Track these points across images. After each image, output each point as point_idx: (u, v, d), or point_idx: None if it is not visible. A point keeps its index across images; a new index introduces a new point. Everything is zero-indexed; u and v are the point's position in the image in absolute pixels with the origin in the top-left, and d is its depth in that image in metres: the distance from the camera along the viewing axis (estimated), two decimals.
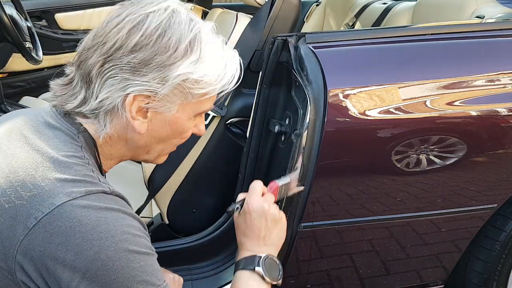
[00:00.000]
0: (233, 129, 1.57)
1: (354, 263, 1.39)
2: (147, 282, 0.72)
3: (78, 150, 0.77)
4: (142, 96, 0.76)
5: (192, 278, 1.44)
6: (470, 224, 1.40)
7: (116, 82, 0.75)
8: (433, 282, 1.49)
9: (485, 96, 1.28)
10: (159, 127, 0.82)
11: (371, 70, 1.26)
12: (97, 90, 0.76)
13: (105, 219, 0.70)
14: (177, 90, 0.78)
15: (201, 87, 0.79)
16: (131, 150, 0.86)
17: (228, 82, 0.82)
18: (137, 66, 0.74)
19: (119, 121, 0.79)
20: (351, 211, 1.30)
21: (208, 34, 0.80)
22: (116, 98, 0.76)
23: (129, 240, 0.71)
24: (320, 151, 1.18)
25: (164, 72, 0.75)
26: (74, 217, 0.68)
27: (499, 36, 1.37)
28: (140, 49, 0.74)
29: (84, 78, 0.78)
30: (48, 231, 0.67)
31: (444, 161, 1.28)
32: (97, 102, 0.77)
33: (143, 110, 0.78)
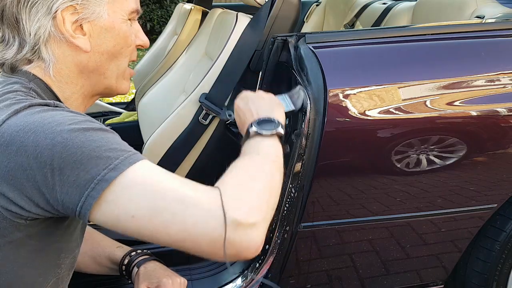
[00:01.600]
0: (233, 129, 1.57)
1: (354, 263, 1.39)
2: (116, 149, 0.70)
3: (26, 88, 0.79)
4: (69, 10, 0.78)
5: (192, 278, 1.44)
6: (470, 224, 1.40)
7: (39, 7, 0.77)
8: (433, 282, 1.49)
9: (485, 96, 1.28)
10: (101, 40, 0.83)
11: (371, 70, 1.26)
12: (28, 25, 0.78)
13: (50, 114, 0.71)
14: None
15: None
16: (88, 79, 0.86)
17: None
18: None
19: (61, 48, 0.81)
20: (351, 211, 1.30)
21: None
22: (47, 23, 0.78)
23: (80, 123, 0.71)
24: (320, 151, 1.18)
25: None
26: (21, 122, 0.69)
27: (499, 36, 1.37)
28: None
29: (11, 25, 0.79)
30: (3, 144, 0.69)
31: (444, 161, 1.28)
32: (32, 36, 0.78)
33: (78, 28, 0.80)
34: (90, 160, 0.67)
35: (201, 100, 1.51)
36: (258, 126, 0.90)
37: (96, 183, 0.67)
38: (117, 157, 0.69)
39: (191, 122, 1.53)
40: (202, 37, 2.01)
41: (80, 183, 0.67)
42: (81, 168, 0.67)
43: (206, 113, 1.50)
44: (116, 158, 0.68)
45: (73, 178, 0.67)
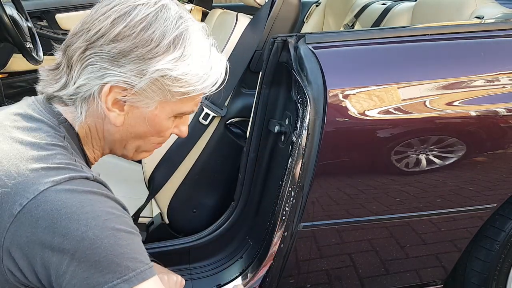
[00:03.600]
0: (233, 129, 1.58)
1: (354, 262, 1.39)
2: (136, 259, 0.71)
3: (60, 140, 0.77)
4: (119, 88, 0.76)
5: (192, 278, 1.45)
6: (470, 224, 1.40)
7: (95, 69, 0.75)
8: (432, 281, 1.49)
9: (484, 96, 1.29)
10: (136, 122, 0.82)
11: (371, 70, 1.27)
12: (76, 76, 0.77)
13: (90, 201, 0.70)
14: (155, 86, 0.77)
15: (180, 86, 0.78)
16: (109, 143, 0.86)
17: (211, 84, 0.81)
18: (116, 56, 0.74)
19: (95, 111, 0.80)
20: (350, 211, 1.30)
21: (197, 34, 0.79)
22: (93, 85, 0.76)
23: (115, 219, 0.71)
24: (320, 151, 1.18)
25: (142, 65, 0.75)
26: (59, 200, 0.68)
27: (499, 37, 1.37)
28: (122, 40, 0.74)
29: (67, 62, 0.78)
30: (34, 216, 0.67)
31: (444, 161, 1.28)
32: (74, 87, 0.77)
33: (119, 103, 0.78)
34: (109, 265, 0.68)
35: (201, 100, 1.51)
36: None
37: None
38: (134, 268, 0.70)
39: (191, 122, 1.53)
40: None
41: (90, 283, 0.68)
42: (98, 269, 0.68)
43: (206, 113, 1.51)
44: (133, 270, 0.70)
45: (86, 275, 0.68)
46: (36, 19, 2.86)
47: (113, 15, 0.75)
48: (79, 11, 3.03)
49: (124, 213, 0.75)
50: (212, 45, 0.82)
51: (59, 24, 2.99)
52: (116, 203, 0.74)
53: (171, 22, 0.76)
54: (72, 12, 3.02)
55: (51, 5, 2.95)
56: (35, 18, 2.85)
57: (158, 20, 0.76)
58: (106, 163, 2.04)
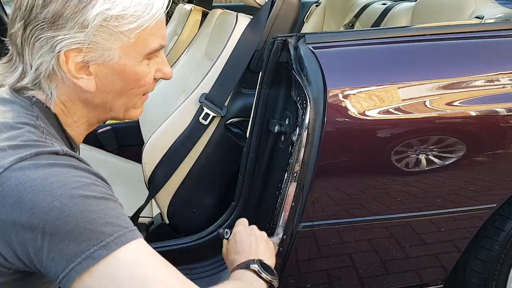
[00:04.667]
0: (233, 129, 1.58)
1: (354, 262, 1.39)
2: (112, 223, 0.67)
3: (32, 119, 0.75)
4: (73, 51, 0.73)
5: (192, 278, 1.43)
6: (470, 224, 1.40)
7: (43, 43, 0.73)
8: (432, 281, 1.49)
9: (484, 97, 1.29)
10: (109, 80, 0.78)
11: (371, 71, 1.27)
12: (29, 58, 0.74)
13: (55, 172, 0.67)
14: (104, 33, 0.73)
15: (128, 22, 0.73)
16: (93, 111, 0.82)
17: (159, 8, 0.76)
18: (53, 20, 0.71)
19: (64, 85, 0.77)
20: (350, 211, 1.30)
21: None
22: (49, 60, 0.74)
23: (83, 187, 0.68)
24: (320, 151, 1.18)
25: (80, 17, 0.71)
26: (23, 175, 0.66)
27: (499, 37, 1.37)
28: (51, 1, 0.71)
29: (16, 50, 0.76)
30: (1, 194, 0.66)
31: (444, 161, 1.28)
32: (33, 70, 0.75)
33: (83, 67, 0.75)
34: (83, 233, 0.65)
35: (201, 100, 1.52)
36: (260, 266, 0.95)
37: (83, 258, 0.65)
38: (111, 233, 0.66)
39: (191, 122, 1.53)
40: (202, 38, 2.01)
41: (67, 254, 0.65)
42: (72, 239, 0.65)
43: (206, 113, 1.51)
44: (110, 234, 0.66)
45: (62, 246, 0.65)
46: None
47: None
48: None
49: (96, 181, 0.71)
50: None
51: None
52: (87, 173, 0.71)
53: None
54: None
55: None
56: None
57: None
58: (107, 163, 2.04)
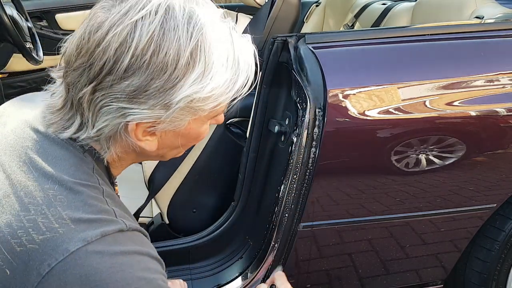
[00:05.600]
0: (233, 129, 1.58)
1: (354, 263, 1.39)
2: None
3: (90, 175, 0.70)
4: (146, 122, 0.67)
5: (192, 278, 1.44)
6: (470, 224, 1.40)
7: (112, 110, 0.65)
8: (432, 281, 1.49)
9: (484, 96, 1.29)
10: (171, 140, 0.74)
11: (371, 70, 1.27)
12: (92, 118, 0.67)
13: (120, 266, 0.65)
14: (184, 111, 0.67)
15: (211, 102, 0.68)
16: (144, 158, 0.80)
17: (242, 85, 0.70)
18: (133, 95, 0.64)
19: (124, 143, 0.71)
20: (350, 211, 1.30)
21: (213, 29, 0.66)
22: (116, 125, 0.67)
23: (145, 286, 0.66)
24: (320, 151, 1.18)
25: (165, 98, 0.65)
26: (88, 265, 0.63)
27: (499, 37, 1.37)
28: (133, 74, 0.63)
29: (75, 103, 0.68)
30: (62, 279, 0.62)
31: (444, 161, 1.28)
32: (94, 131, 0.68)
33: (149, 132, 0.70)
34: None
35: None
36: None
37: None
38: None
39: None
40: None
41: None
42: None
43: None
44: None
45: None
46: (36, 19, 2.86)
47: (113, 43, 0.62)
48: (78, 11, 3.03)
49: (157, 272, 0.70)
50: (231, 29, 0.70)
51: (59, 24, 2.99)
52: (149, 261, 0.69)
53: (182, 32, 0.63)
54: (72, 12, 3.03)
55: (51, 5, 2.96)
56: (35, 18, 2.85)
57: (167, 36, 0.63)
58: None
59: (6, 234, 0.64)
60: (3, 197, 0.67)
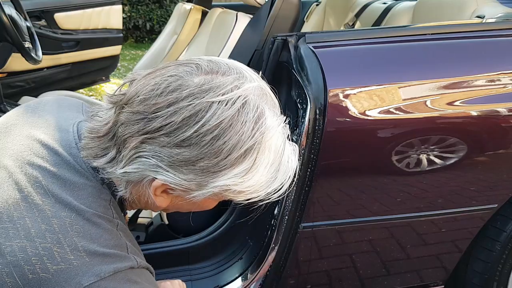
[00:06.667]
0: None
1: (354, 263, 1.39)
2: None
3: (107, 207, 0.70)
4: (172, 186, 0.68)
5: (192, 278, 1.44)
6: (471, 224, 1.40)
7: (149, 164, 0.66)
8: (433, 282, 1.49)
9: (485, 96, 1.28)
10: (183, 204, 0.75)
11: (371, 70, 1.26)
12: (126, 161, 0.67)
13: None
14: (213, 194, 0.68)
15: (242, 195, 0.69)
16: (150, 208, 0.80)
17: (274, 191, 0.70)
18: (178, 163, 0.64)
19: (141, 190, 0.71)
20: (351, 211, 1.30)
21: (272, 136, 0.67)
22: (143, 176, 0.67)
23: None
24: (320, 151, 1.18)
25: (205, 178, 0.66)
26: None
27: (500, 36, 1.37)
28: (188, 147, 0.63)
29: (118, 140, 0.68)
30: None
31: (444, 161, 1.27)
32: (122, 171, 0.68)
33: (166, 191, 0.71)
34: None
35: None
36: None
37: None
38: None
39: None
40: (202, 37, 2.01)
41: None
42: None
43: None
44: None
45: None
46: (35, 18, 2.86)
47: (184, 112, 0.63)
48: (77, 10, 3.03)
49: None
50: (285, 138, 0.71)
51: (58, 23, 2.99)
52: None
53: (248, 130, 0.64)
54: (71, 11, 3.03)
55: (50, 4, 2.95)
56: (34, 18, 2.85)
57: (234, 127, 0.63)
58: None
59: (20, 260, 0.64)
60: (18, 219, 0.66)
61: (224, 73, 0.67)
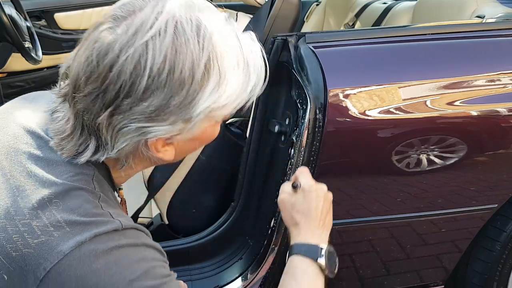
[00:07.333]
0: (233, 129, 1.57)
1: (354, 263, 1.39)
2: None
3: (88, 181, 0.69)
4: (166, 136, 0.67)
5: (192, 278, 1.44)
6: (471, 224, 1.40)
7: (131, 131, 0.65)
8: (433, 282, 1.49)
9: (485, 96, 1.28)
10: (188, 146, 0.74)
11: (371, 70, 1.26)
12: (112, 142, 0.66)
13: (116, 260, 0.65)
14: (203, 120, 0.68)
15: (228, 108, 0.68)
16: (157, 164, 0.78)
17: (255, 85, 0.71)
18: (153, 114, 0.63)
19: (142, 157, 0.71)
20: (351, 211, 1.30)
21: (221, 36, 0.65)
22: (135, 143, 0.66)
23: (144, 276, 0.66)
24: (320, 151, 1.18)
25: (185, 112, 0.65)
26: (83, 266, 0.63)
27: (499, 36, 1.37)
28: (152, 95, 0.62)
29: (90, 128, 0.67)
30: (59, 281, 0.62)
31: (444, 161, 1.27)
32: (114, 152, 0.67)
33: (168, 143, 0.70)
34: None
35: None
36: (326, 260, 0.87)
37: None
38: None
39: None
40: None
41: None
42: None
43: None
44: None
45: None
46: (35, 18, 2.86)
47: (127, 66, 0.61)
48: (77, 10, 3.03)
49: (155, 260, 0.69)
50: (236, 31, 0.70)
51: (58, 23, 2.99)
52: (145, 250, 0.69)
53: (194, 47, 0.62)
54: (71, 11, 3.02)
55: (50, 4, 2.95)
56: (34, 18, 2.85)
57: (180, 52, 0.61)
58: None
59: (2, 240, 0.64)
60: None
61: (141, 7, 0.63)
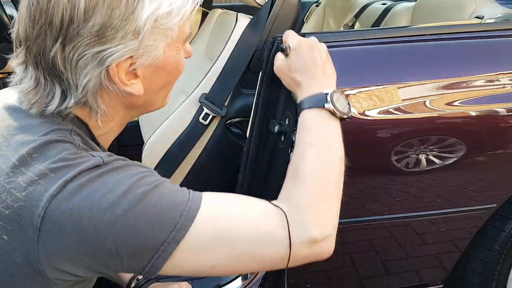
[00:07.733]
0: (233, 129, 1.57)
1: (354, 263, 1.39)
2: (175, 204, 0.67)
3: (66, 135, 0.70)
4: (126, 61, 0.68)
5: (192, 278, 1.44)
6: (470, 224, 1.40)
7: (88, 60, 0.66)
8: (432, 281, 1.49)
9: (484, 97, 1.28)
10: (155, 78, 0.74)
11: (371, 71, 1.27)
12: (74, 79, 0.67)
13: (104, 183, 0.65)
14: (155, 34, 0.68)
15: (174, 16, 0.69)
16: (132, 112, 0.79)
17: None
18: (100, 33, 0.64)
19: (111, 95, 0.72)
20: (351, 211, 1.30)
21: None
22: (97, 75, 0.67)
23: (135, 185, 0.66)
24: None
25: (131, 25, 0.65)
26: (74, 196, 0.64)
27: (499, 37, 1.37)
28: (94, 12, 0.64)
29: (50, 73, 0.68)
30: (56, 222, 0.63)
31: (444, 161, 1.28)
32: (80, 91, 0.68)
33: (131, 73, 0.71)
34: (154, 228, 0.65)
35: (201, 100, 1.51)
36: (333, 102, 0.83)
37: (166, 245, 0.65)
38: (180, 214, 0.66)
39: (191, 122, 1.53)
40: (202, 38, 2.01)
41: (149, 249, 0.65)
42: (147, 237, 0.64)
43: (206, 113, 1.51)
44: (179, 215, 0.66)
45: (141, 248, 0.65)
46: None
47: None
48: None
49: (141, 172, 0.69)
50: None
51: None
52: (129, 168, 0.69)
53: None
54: None
55: None
56: None
57: None
58: None
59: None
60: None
61: None
